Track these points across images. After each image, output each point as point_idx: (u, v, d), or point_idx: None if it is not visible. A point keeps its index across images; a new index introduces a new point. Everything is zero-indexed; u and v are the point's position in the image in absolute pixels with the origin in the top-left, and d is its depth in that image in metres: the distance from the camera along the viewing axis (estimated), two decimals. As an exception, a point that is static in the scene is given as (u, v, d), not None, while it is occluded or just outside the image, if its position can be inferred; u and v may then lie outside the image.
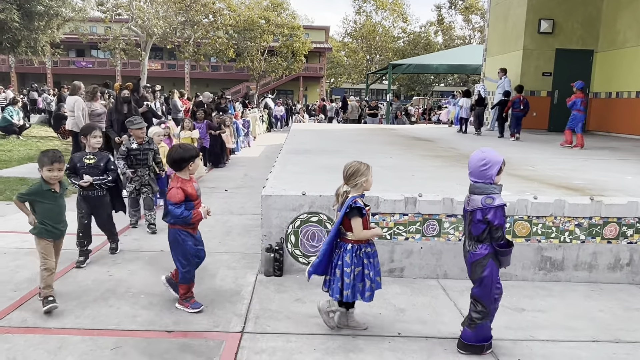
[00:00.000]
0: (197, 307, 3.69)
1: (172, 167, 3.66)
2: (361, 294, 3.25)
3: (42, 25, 19.58)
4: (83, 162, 4.64)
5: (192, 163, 3.64)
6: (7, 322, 3.45)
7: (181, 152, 3.61)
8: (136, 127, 5.71)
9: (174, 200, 3.51)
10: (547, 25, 12.89)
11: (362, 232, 3.21)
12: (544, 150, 8.97)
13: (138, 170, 5.72)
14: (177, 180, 3.59)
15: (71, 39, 31.99)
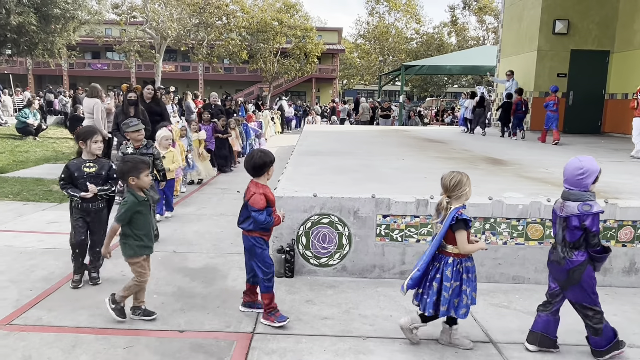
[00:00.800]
0: (283, 320, 3.50)
1: (252, 173, 3.50)
2: (455, 310, 3.13)
3: (59, 28, 19.86)
4: (82, 170, 4.07)
5: (271, 168, 3.52)
6: (23, 321, 3.51)
7: (263, 157, 3.46)
8: (132, 130, 5.19)
9: (257, 206, 3.39)
10: (562, 26, 12.77)
11: (467, 245, 3.11)
12: (558, 153, 8.88)
13: None
14: (257, 186, 3.46)
15: (87, 42, 32.39)
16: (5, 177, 8.75)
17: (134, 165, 3.50)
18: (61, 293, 4.02)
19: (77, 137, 4.10)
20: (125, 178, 3.49)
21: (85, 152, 4.13)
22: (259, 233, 3.50)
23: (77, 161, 4.11)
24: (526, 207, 4.39)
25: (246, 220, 3.50)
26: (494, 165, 6.86)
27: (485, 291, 4.24)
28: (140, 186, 3.52)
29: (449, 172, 3.19)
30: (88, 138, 4.08)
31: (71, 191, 4.04)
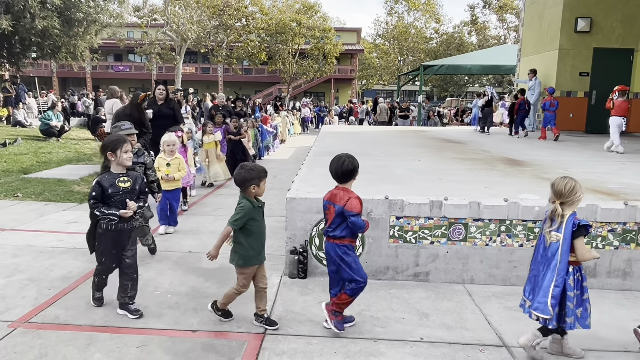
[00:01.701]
0: (341, 327, 3.42)
1: (340, 179, 3.41)
2: (579, 320, 3.05)
3: (81, 31, 20.27)
4: (117, 186, 3.55)
5: (357, 173, 3.43)
6: (40, 319, 3.59)
7: (354, 162, 3.38)
8: (124, 134, 4.33)
9: (356, 210, 3.28)
10: (584, 24, 12.52)
11: (586, 253, 3.02)
12: (579, 153, 8.71)
13: None
14: (348, 191, 3.36)
15: (109, 44, 33.03)
16: (29, 178, 8.96)
17: (257, 173, 3.37)
18: (78, 292, 4.10)
19: (104, 149, 3.60)
20: (247, 186, 3.35)
21: (115, 165, 3.60)
22: (349, 240, 3.40)
23: (109, 176, 3.56)
24: (543, 208, 4.31)
25: (338, 228, 3.37)
26: (511, 166, 6.75)
27: (501, 294, 4.19)
28: (259, 194, 3.42)
29: (561, 178, 3.09)
30: (117, 148, 3.56)
31: (105, 209, 3.49)
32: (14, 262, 4.77)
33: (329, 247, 3.43)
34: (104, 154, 3.61)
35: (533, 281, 3.19)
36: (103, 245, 3.63)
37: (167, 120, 7.41)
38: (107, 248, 3.62)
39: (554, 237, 3.04)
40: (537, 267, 3.16)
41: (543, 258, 3.12)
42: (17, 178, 8.94)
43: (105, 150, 3.60)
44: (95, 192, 3.51)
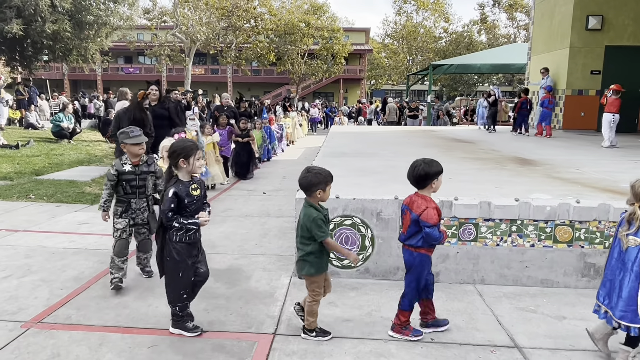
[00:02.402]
0: (419, 334, 3.38)
1: (415, 185, 3.32)
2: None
3: (92, 34, 20.46)
4: (192, 195, 3.33)
5: (436, 180, 3.28)
6: (53, 319, 3.62)
7: (425, 168, 3.24)
8: (132, 142, 4.08)
9: (432, 221, 3.17)
10: (595, 22, 12.40)
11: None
12: (591, 152, 8.62)
13: (132, 202, 4.19)
14: (425, 199, 3.26)
15: (119, 47, 33.31)
16: (41, 180, 9.05)
17: (324, 177, 3.25)
18: (90, 292, 4.13)
19: (176, 155, 3.30)
20: (313, 190, 3.23)
21: (185, 172, 3.36)
22: (427, 250, 3.31)
23: (183, 185, 3.31)
24: (554, 208, 4.28)
25: (414, 236, 3.28)
26: (522, 166, 6.70)
27: (512, 294, 4.16)
28: (324, 200, 3.31)
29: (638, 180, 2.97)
30: (190, 155, 3.31)
31: (184, 220, 3.28)
32: (27, 262, 4.82)
33: (405, 254, 3.38)
34: (175, 160, 3.31)
35: (608, 286, 3.05)
36: (180, 258, 3.35)
37: (162, 121, 7.11)
38: (184, 261, 3.36)
39: (631, 242, 2.91)
40: (613, 272, 3.02)
41: (618, 262, 2.99)
42: (29, 180, 9.04)
43: (177, 157, 3.30)
44: (173, 204, 3.25)
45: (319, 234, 3.19)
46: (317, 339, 3.36)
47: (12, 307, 3.81)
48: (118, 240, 4.15)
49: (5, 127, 16.52)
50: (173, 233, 3.32)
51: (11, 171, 9.80)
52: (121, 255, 4.13)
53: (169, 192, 3.27)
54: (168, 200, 3.25)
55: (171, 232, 3.32)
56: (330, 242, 3.28)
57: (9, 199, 7.55)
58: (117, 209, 4.19)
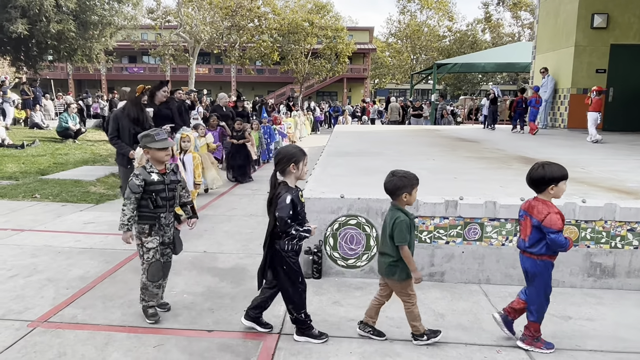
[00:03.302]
0: (551, 347, 3.23)
1: (533, 188, 3.21)
2: None
3: (97, 34, 20.54)
4: (302, 202, 3.28)
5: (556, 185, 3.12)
6: (59, 318, 3.63)
7: (546, 171, 3.10)
8: (159, 147, 3.55)
9: (557, 227, 3.03)
10: (600, 20, 12.33)
11: None
12: (596, 151, 8.58)
13: (162, 217, 3.60)
14: (547, 204, 3.11)
15: (123, 46, 33.37)
16: (46, 179, 9.09)
17: (409, 180, 3.16)
18: (96, 292, 4.15)
19: (286, 161, 3.20)
20: (399, 194, 3.16)
21: (294, 178, 3.25)
22: (549, 257, 3.18)
23: (293, 192, 3.20)
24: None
25: (537, 244, 3.14)
26: (527, 165, 6.64)
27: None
28: (410, 203, 3.23)
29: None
30: (300, 160, 3.23)
31: (299, 227, 3.20)
32: (33, 262, 4.84)
33: (526, 262, 3.24)
34: (284, 166, 3.20)
35: None
36: (296, 265, 3.29)
37: (166, 121, 6.88)
38: (298, 266, 3.31)
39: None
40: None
41: None
42: (35, 179, 9.08)
43: (287, 162, 3.19)
44: (291, 211, 3.14)
45: (399, 237, 3.12)
46: (430, 341, 3.26)
47: (19, 306, 3.83)
48: (153, 263, 3.56)
49: (10, 127, 16.59)
50: (286, 242, 3.22)
51: (17, 171, 9.85)
52: (156, 280, 3.60)
53: (286, 198, 3.13)
54: (286, 207, 3.12)
55: (284, 240, 3.21)
56: (407, 250, 3.14)
57: (14, 199, 7.59)
58: (144, 226, 3.55)
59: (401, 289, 3.26)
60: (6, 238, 5.62)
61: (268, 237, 3.29)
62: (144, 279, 3.58)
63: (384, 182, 3.25)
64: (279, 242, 3.23)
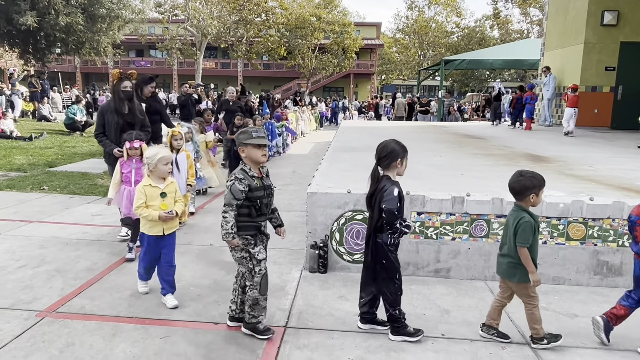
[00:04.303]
0: None
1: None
2: None
3: (104, 27, 20.60)
4: (404, 197, 3.27)
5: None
6: (67, 309, 3.67)
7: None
8: (256, 142, 3.15)
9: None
10: (610, 17, 12.23)
11: None
12: (604, 149, 8.53)
13: (262, 225, 3.33)
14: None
15: (131, 40, 33.41)
16: (54, 172, 9.15)
17: (538, 181, 3.10)
18: (103, 283, 4.18)
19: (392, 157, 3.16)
20: (526, 195, 3.09)
21: (396, 174, 3.23)
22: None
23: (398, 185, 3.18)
24: (567, 205, 4.25)
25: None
26: (534, 163, 6.65)
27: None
28: (536, 205, 3.16)
29: None
30: (404, 157, 3.21)
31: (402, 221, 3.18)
32: (41, 253, 4.88)
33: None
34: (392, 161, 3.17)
35: None
36: (396, 260, 3.26)
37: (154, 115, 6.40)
38: (398, 261, 3.28)
39: None
40: None
41: None
42: (42, 171, 9.14)
43: (393, 158, 3.16)
44: (398, 204, 3.12)
45: (521, 238, 3.04)
46: (550, 345, 3.19)
47: (27, 296, 3.87)
48: (264, 275, 3.27)
49: (19, 119, 16.69)
50: (389, 235, 3.16)
51: (25, 163, 9.92)
52: (266, 292, 3.31)
53: (393, 190, 3.09)
54: (394, 199, 3.07)
55: (386, 234, 3.16)
56: (526, 252, 3.05)
57: (23, 190, 7.65)
58: (248, 237, 3.22)
59: (522, 289, 3.17)
60: (15, 229, 5.67)
61: (372, 232, 3.24)
62: (255, 294, 3.24)
63: (510, 182, 3.16)
64: (382, 235, 3.19)
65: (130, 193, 4.60)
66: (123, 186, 4.78)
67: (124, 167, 4.78)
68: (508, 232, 3.17)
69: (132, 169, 4.75)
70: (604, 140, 9.96)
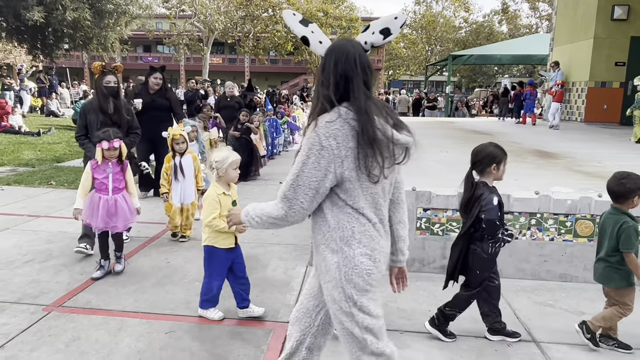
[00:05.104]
0: None
1: None
2: None
3: (112, 23, 20.67)
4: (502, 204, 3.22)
5: None
6: (73, 303, 3.69)
7: None
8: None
9: None
10: (621, 12, 12.09)
11: None
12: (613, 146, 8.45)
13: None
14: None
15: (138, 35, 33.52)
16: (62, 167, 9.20)
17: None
18: (109, 279, 4.19)
19: (487, 161, 3.07)
20: (631, 197, 2.99)
21: (492, 180, 3.14)
22: None
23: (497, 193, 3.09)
24: (575, 202, 4.21)
25: None
26: (543, 159, 6.60)
27: (530, 288, 4.11)
28: (635, 206, 3.05)
29: None
30: (502, 160, 3.12)
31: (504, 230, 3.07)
32: (48, 248, 4.91)
33: None
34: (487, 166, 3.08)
35: None
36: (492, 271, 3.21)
37: (162, 112, 6.31)
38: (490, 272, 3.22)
39: None
40: None
41: None
42: (50, 166, 9.19)
43: (489, 162, 3.07)
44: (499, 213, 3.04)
45: (625, 244, 2.94)
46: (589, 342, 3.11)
47: (34, 290, 3.89)
48: None
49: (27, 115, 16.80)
50: (490, 244, 3.07)
51: (33, 158, 9.98)
52: None
53: (493, 199, 2.99)
54: (495, 209, 2.97)
55: (488, 243, 3.07)
56: (634, 259, 2.94)
57: (30, 185, 7.70)
58: None
59: (619, 297, 3.07)
60: (22, 224, 5.71)
61: (460, 239, 3.15)
62: None
63: (609, 184, 3.06)
64: (481, 244, 3.08)
65: (107, 203, 4.09)
66: (96, 194, 4.13)
67: (97, 172, 4.11)
68: (605, 235, 3.07)
69: (108, 174, 4.12)
70: (613, 137, 9.87)
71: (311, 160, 1.85)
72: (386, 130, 1.91)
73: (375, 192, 1.96)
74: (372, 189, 1.94)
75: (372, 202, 1.97)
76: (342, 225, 1.94)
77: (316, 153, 1.85)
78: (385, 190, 2.03)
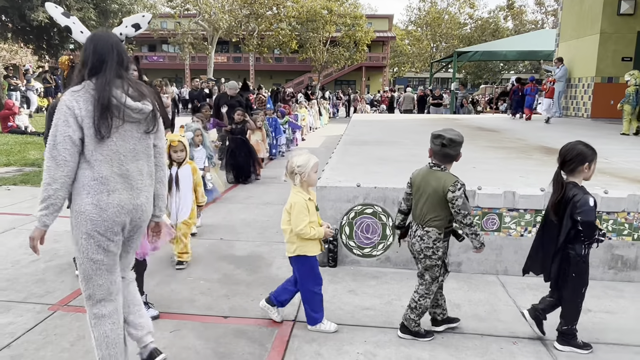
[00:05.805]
0: None
1: None
2: None
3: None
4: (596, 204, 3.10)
5: None
6: (78, 302, 3.70)
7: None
8: None
9: None
10: (627, 7, 11.99)
11: None
12: (619, 142, 8.39)
13: None
14: None
15: (143, 35, 33.53)
16: (67, 166, 9.23)
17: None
18: (114, 277, 4.20)
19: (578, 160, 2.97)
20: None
21: (582, 179, 3.03)
22: None
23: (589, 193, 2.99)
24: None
25: None
26: (548, 155, 6.56)
27: (535, 286, 4.09)
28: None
29: None
30: (593, 160, 3.00)
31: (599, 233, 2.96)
32: (54, 247, 4.93)
33: None
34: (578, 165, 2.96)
35: None
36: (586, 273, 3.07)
37: None
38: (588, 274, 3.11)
39: None
40: None
41: None
42: (56, 166, 9.22)
43: (581, 162, 2.96)
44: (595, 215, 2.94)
45: None
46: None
47: (40, 289, 3.91)
48: None
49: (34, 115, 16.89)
50: (584, 246, 2.97)
51: (39, 158, 10.03)
52: None
53: (589, 200, 2.88)
54: (592, 210, 2.88)
55: (582, 245, 2.97)
56: None
57: (37, 185, 7.74)
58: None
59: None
60: (29, 224, 5.74)
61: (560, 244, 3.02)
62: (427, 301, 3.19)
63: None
64: (575, 246, 2.97)
65: None
66: None
67: None
68: None
69: None
70: (619, 133, 9.79)
71: (61, 120, 2.27)
72: (120, 98, 2.34)
73: (116, 150, 2.38)
74: (112, 146, 2.36)
75: (110, 158, 2.37)
76: (78, 176, 2.39)
77: (64, 113, 2.28)
78: (138, 150, 2.46)
